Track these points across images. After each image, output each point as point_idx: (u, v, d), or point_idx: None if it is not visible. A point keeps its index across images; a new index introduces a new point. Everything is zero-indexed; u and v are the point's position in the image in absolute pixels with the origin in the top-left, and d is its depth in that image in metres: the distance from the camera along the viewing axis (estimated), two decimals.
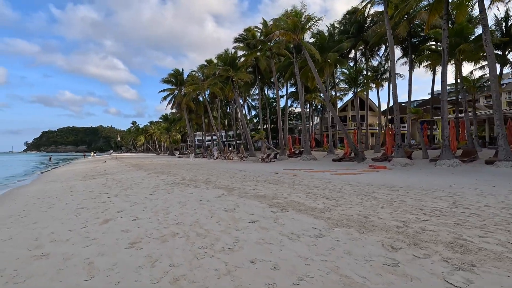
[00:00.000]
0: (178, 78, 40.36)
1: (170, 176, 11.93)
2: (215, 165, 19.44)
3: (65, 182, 13.92)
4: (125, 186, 10.19)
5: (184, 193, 7.80)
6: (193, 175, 11.77)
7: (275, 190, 7.41)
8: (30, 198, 9.78)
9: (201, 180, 9.89)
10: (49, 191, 11.03)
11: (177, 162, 25.87)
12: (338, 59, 24.84)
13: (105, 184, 11.48)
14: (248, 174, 11.96)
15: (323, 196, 6.38)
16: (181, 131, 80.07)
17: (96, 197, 8.46)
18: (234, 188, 7.76)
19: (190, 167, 17.83)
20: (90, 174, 16.66)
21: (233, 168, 15.46)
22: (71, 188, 11.15)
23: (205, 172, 13.27)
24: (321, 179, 9.82)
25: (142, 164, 22.09)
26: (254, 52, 28.48)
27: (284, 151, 27.31)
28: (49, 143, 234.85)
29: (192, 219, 5.01)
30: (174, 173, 13.17)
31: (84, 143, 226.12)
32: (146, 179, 11.65)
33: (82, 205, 7.49)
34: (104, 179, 13.21)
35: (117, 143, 54.50)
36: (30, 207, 8.06)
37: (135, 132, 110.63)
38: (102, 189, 10.00)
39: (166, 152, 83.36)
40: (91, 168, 22.14)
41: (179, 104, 40.64)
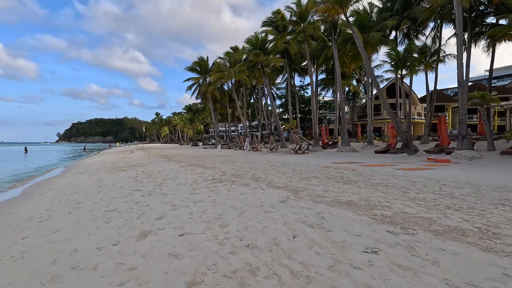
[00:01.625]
0: (203, 66, 38.91)
1: (207, 170, 10.53)
2: (248, 157, 17.96)
3: (93, 174, 13.00)
4: (159, 181, 8.89)
5: (233, 193, 6.29)
6: (233, 169, 10.28)
7: (358, 193, 5.69)
8: (56, 194, 8.76)
9: (247, 176, 8.35)
10: (77, 185, 10.02)
11: (205, 153, 24.70)
12: (382, 39, 22.23)
13: (136, 178, 10.29)
14: (297, 168, 10.29)
15: (443, 206, 4.56)
16: (203, 121, 79.64)
17: (128, 195, 7.18)
18: (298, 188, 6.14)
19: (223, 158, 16.44)
20: (119, 166, 15.75)
21: (273, 161, 13.85)
22: (100, 182, 10.07)
23: (244, 165, 11.75)
24: (394, 176, 7.97)
25: (170, 155, 21.08)
26: (285, 35, 26.34)
27: (317, 142, 25.32)
28: (79, 134, 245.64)
29: (266, 239, 3.45)
30: (210, 166, 11.77)
31: (110, 134, 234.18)
32: (181, 173, 10.33)
33: (112, 206, 6.21)
34: (133, 172, 12.10)
35: (142, 134, 54.73)
36: (54, 206, 6.93)
37: (158, 123, 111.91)
38: (133, 185, 8.76)
39: (189, 142, 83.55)
40: (119, 159, 21.46)
41: (204, 94, 39.40)
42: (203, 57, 39.62)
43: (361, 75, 37.71)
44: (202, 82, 39.97)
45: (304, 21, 24.02)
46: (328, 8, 15.22)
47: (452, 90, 68.45)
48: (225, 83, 41.76)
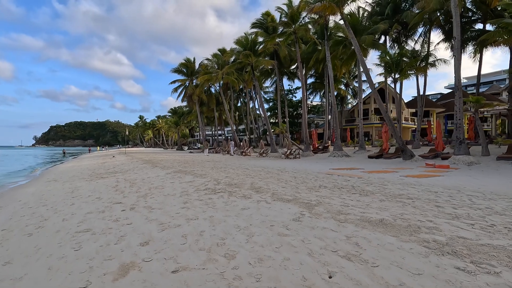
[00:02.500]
0: (190, 67, 37.65)
1: (197, 178, 9.49)
2: (239, 162, 16.99)
3: (68, 182, 11.63)
4: (143, 192, 7.78)
5: (233, 207, 5.33)
6: (227, 177, 9.29)
7: (384, 208, 4.82)
8: (19, 207, 7.47)
9: (245, 186, 7.39)
10: (47, 196, 8.71)
11: (192, 158, 23.50)
12: (374, 42, 22.00)
13: (116, 187, 9.11)
14: (297, 175, 9.43)
15: (500, 226, 3.80)
16: (189, 125, 77.97)
17: (106, 210, 6.06)
18: (310, 202, 5.23)
19: (212, 164, 15.39)
20: (98, 172, 14.37)
21: (267, 166, 12.94)
22: (74, 192, 8.82)
23: (239, 172, 10.77)
24: (408, 184, 7.25)
25: (155, 160, 19.76)
26: (275, 37, 25.72)
27: (308, 147, 24.72)
28: (58, 137, 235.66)
29: (292, 279, 2.54)
30: (201, 173, 10.71)
31: (92, 137, 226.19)
32: (168, 181, 9.23)
33: (86, 224, 5.10)
34: (114, 180, 10.86)
35: (125, 137, 52.62)
36: (13, 224, 5.71)
37: (142, 126, 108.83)
38: (113, 195, 7.61)
39: (174, 146, 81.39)
40: (99, 165, 19.91)
41: (190, 96, 38.11)
42: (190, 58, 38.46)
43: (350, 79, 37.71)
44: (188, 84, 38.71)
45: (296, 23, 23.49)
46: (324, 7, 14.62)
47: (433, 96, 70.43)
48: (212, 86, 40.69)
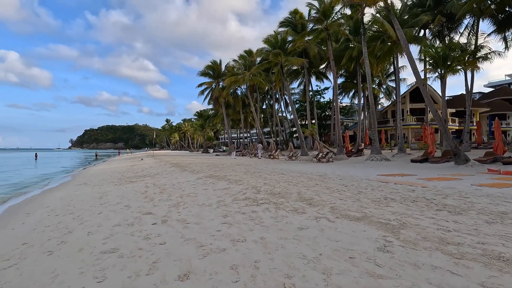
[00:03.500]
0: (216, 70, 37.35)
1: (232, 184, 8.58)
2: (272, 166, 15.97)
3: (97, 186, 11.24)
4: (174, 200, 6.98)
5: (285, 225, 4.30)
6: (266, 184, 8.29)
7: (503, 234, 3.61)
8: (46, 214, 6.96)
9: (291, 196, 6.32)
10: (74, 202, 8.21)
11: (220, 161, 22.83)
12: (415, 37, 20.15)
13: (145, 193, 8.42)
14: (345, 182, 8.21)
15: None
16: (214, 128, 78.28)
17: (135, 222, 5.28)
18: (388, 222, 3.98)
19: (244, 168, 14.50)
20: (127, 176, 13.99)
21: (305, 171, 11.77)
22: (102, 198, 8.25)
23: (276, 178, 9.72)
24: (495, 196, 5.82)
25: (183, 164, 19.27)
26: (305, 35, 24.52)
27: (342, 150, 23.19)
28: (91, 140, 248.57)
29: None
30: (234, 178, 9.81)
31: (121, 140, 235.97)
32: (200, 188, 8.40)
33: (112, 241, 4.31)
34: (143, 185, 10.26)
35: (153, 140, 53.55)
36: (35, 237, 5.08)
37: (169, 129, 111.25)
38: (142, 204, 6.88)
39: (199, 149, 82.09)
40: (128, 167, 19.79)
41: (216, 99, 37.79)
42: (216, 60, 38.19)
43: (383, 78, 35.50)
44: (215, 86, 38.43)
45: (328, 18, 22.16)
46: None
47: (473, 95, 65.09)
48: (238, 88, 40.15)
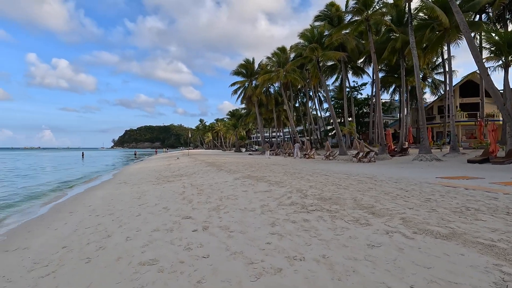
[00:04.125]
0: (249, 68, 37.04)
1: (273, 186, 7.95)
2: (311, 166, 15.11)
3: (136, 185, 11.29)
4: (214, 202, 6.53)
5: (349, 239, 3.57)
6: (311, 186, 7.54)
7: None
8: (87, 214, 6.89)
9: (346, 202, 5.50)
10: (115, 202, 8.15)
11: (254, 160, 22.40)
12: (473, 22, 17.94)
13: (183, 194, 8.12)
14: (402, 186, 7.19)
15: None
16: (246, 127, 78.52)
17: (174, 228, 4.86)
18: (494, 243, 3.11)
19: (282, 168, 13.82)
20: (164, 175, 14.03)
21: (351, 173, 10.77)
22: (141, 199, 8.09)
23: (321, 179, 8.89)
24: None
25: (218, 163, 19.10)
26: (343, 27, 23.14)
27: (384, 149, 21.53)
28: (131, 140, 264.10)
29: None
30: (275, 179, 9.18)
31: (158, 140, 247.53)
32: (239, 189, 7.90)
33: (152, 250, 3.90)
34: (180, 184, 10.04)
35: (188, 140, 54.90)
36: (75, 240, 4.87)
37: (202, 129, 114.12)
38: (180, 206, 6.52)
39: (232, 148, 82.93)
40: (165, 167, 20.11)
41: (249, 97, 37.50)
42: (249, 59, 37.91)
43: (428, 71, 32.65)
44: (248, 85, 38.16)
45: (369, 8, 20.64)
46: None
47: None
48: (271, 86, 39.52)
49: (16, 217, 7.92)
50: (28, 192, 12.51)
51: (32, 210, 8.77)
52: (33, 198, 11.13)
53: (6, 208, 9.18)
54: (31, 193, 12.34)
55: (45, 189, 13.40)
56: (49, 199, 10.81)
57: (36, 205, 9.62)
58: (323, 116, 48.24)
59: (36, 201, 10.40)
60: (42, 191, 12.81)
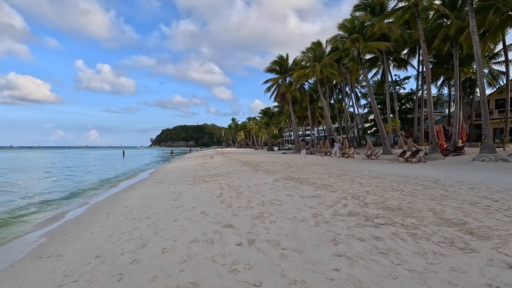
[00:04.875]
0: (283, 65, 35.97)
1: (321, 190, 7.04)
2: (355, 167, 13.86)
3: (172, 185, 11.01)
4: (256, 208, 5.81)
5: (451, 274, 2.61)
6: (368, 192, 6.50)
7: None
8: (124, 217, 6.55)
9: (426, 216, 4.41)
10: (151, 203, 7.81)
11: (290, 159, 21.46)
12: None
13: (221, 196, 7.52)
14: (487, 195, 5.88)
15: None
16: (277, 126, 77.49)
17: (214, 239, 4.22)
18: None
19: (324, 169, 12.78)
20: (200, 174, 13.70)
21: (407, 175, 9.43)
22: (177, 200, 7.65)
23: (376, 183, 7.77)
24: None
25: (253, 162, 18.48)
26: (387, 16, 21.21)
27: (436, 148, 19.37)
28: (167, 139, 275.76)
29: None
30: (320, 182, 8.23)
31: (192, 138, 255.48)
32: (282, 193, 7.10)
33: (190, 270, 3.26)
34: (217, 185, 9.51)
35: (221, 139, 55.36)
36: (109, 249, 4.44)
37: (234, 128, 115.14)
38: (219, 211, 5.89)
39: (264, 147, 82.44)
40: (200, 165, 19.97)
41: (283, 95, 36.48)
42: (283, 55, 36.79)
43: (485, 59, 29.08)
44: (281, 82, 37.15)
45: None
46: None
47: None
48: (306, 82, 38.12)
49: (58, 213, 7.94)
50: (71, 189, 12.91)
51: (71, 209, 8.78)
52: (75, 196, 11.36)
53: (48, 206, 9.34)
54: (76, 188, 12.70)
55: (85, 187, 13.76)
56: (89, 197, 10.94)
57: (76, 203, 9.71)
58: (360, 113, 45.66)
59: (76, 200, 10.54)
60: (83, 189, 13.14)
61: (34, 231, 6.52)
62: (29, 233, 6.41)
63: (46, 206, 9.46)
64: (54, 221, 7.33)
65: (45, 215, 8.18)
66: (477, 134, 34.92)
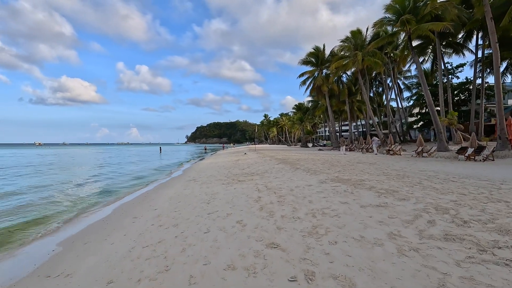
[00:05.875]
0: (320, 56, 33.86)
1: (387, 198, 5.63)
2: (410, 166, 11.99)
3: (205, 184, 10.19)
4: (305, 220, 4.62)
5: None
6: (455, 202, 4.99)
7: None
8: (150, 223, 5.74)
9: None
10: (181, 205, 6.97)
11: (329, 157, 19.80)
12: None
13: (259, 201, 6.43)
14: None
15: None
16: (311, 121, 74.84)
17: (257, 267, 3.11)
18: None
19: (374, 168, 11.14)
20: (234, 173, 12.78)
21: (488, 178, 7.52)
22: (210, 203, 6.71)
23: (451, 187, 6.09)
24: None
25: (290, 160, 17.20)
26: None
27: (506, 144, 16.53)
28: (201, 136, 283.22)
29: None
30: (381, 186, 6.73)
31: (225, 135, 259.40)
32: (334, 199, 5.82)
33: None
34: (253, 186, 8.45)
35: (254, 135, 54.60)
36: (126, 271, 3.54)
37: (267, 124, 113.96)
38: (260, 222, 4.79)
39: (297, 143, 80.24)
40: (233, 163, 19.16)
41: (319, 88, 34.43)
42: (319, 46, 34.62)
43: None
44: (317, 74, 35.10)
45: None
46: None
47: None
48: (343, 74, 35.66)
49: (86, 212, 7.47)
50: (108, 185, 12.75)
51: (100, 208, 8.30)
52: (109, 193, 11.06)
53: (81, 203, 9.01)
54: (111, 186, 12.52)
55: (120, 185, 13.55)
56: (120, 195, 10.53)
57: (106, 202, 9.28)
58: (403, 107, 41.87)
59: (107, 198, 10.16)
60: (117, 186, 12.92)
61: (55, 234, 6.00)
62: (49, 236, 5.89)
63: (79, 203, 9.15)
64: (78, 223, 6.79)
65: (70, 215, 7.74)
66: None
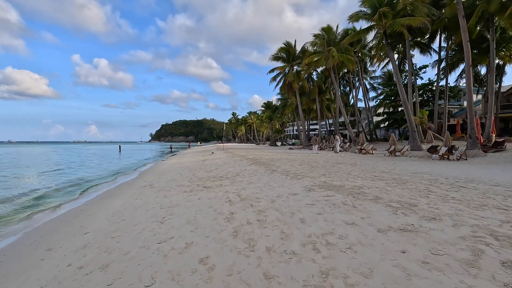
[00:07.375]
0: (291, 52, 32.82)
1: (408, 216, 4.27)
2: (391, 166, 11.05)
3: (162, 191, 8.23)
4: (304, 257, 3.03)
5: None
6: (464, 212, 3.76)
7: None
8: (66, 263, 3.78)
9: None
10: (124, 227, 5.02)
11: (303, 156, 18.63)
12: None
13: (232, 218, 4.74)
14: None
15: None
16: (280, 120, 74.55)
17: None
18: None
19: (359, 170, 9.97)
20: (199, 176, 10.88)
21: (476, 179, 6.60)
22: (164, 221, 4.87)
23: (453, 194, 4.96)
24: None
25: (263, 160, 15.65)
26: None
27: (476, 143, 16.62)
28: (167, 134, 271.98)
29: None
30: (388, 196, 5.37)
31: (192, 134, 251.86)
32: (331, 214, 4.32)
33: None
34: (223, 195, 6.71)
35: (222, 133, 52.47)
36: None
37: (235, 123, 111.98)
38: (235, 261, 3.10)
39: (266, 142, 79.54)
40: (199, 163, 17.15)
41: (290, 84, 33.45)
42: (290, 42, 33.59)
43: None
44: (288, 71, 34.08)
45: None
46: None
47: None
48: (314, 71, 35.06)
49: None
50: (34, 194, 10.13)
51: (12, 231, 5.99)
52: (27, 208, 8.59)
53: None
54: (41, 194, 9.93)
55: (53, 194, 10.98)
56: (46, 208, 8.14)
57: (27, 220, 6.92)
58: (369, 106, 42.62)
59: (19, 215, 7.76)
60: (48, 196, 10.37)
61: None
62: None
63: None
64: None
65: None
66: (500, 129, 32.16)
